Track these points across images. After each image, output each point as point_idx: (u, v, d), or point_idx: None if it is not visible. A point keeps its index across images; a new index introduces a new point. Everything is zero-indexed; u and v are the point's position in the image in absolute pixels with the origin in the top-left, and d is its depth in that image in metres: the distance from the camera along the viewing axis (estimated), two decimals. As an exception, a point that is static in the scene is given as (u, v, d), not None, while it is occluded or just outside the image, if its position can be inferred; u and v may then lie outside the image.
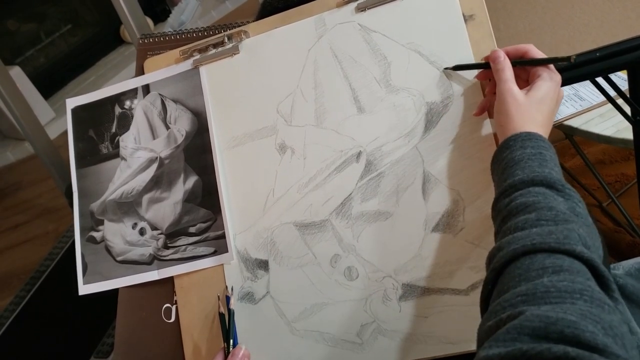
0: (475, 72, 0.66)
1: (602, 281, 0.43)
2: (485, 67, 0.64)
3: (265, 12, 0.77)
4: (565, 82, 0.72)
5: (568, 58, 0.58)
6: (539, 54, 0.61)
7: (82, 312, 1.68)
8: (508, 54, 0.62)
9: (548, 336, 0.37)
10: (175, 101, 0.78)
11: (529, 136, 0.55)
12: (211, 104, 0.76)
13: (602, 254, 0.48)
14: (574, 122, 1.07)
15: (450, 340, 0.65)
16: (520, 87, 0.60)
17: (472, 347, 0.64)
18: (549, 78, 0.59)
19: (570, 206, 0.50)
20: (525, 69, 0.62)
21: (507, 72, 0.60)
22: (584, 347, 0.35)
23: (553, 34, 0.72)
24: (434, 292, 0.65)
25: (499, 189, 0.55)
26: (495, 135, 0.65)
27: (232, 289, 0.72)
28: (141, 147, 0.79)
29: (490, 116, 0.65)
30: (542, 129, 0.57)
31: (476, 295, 0.64)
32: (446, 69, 0.67)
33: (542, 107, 0.58)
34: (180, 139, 0.77)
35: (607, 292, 0.43)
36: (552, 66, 0.61)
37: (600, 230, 0.74)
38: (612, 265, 0.84)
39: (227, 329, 0.68)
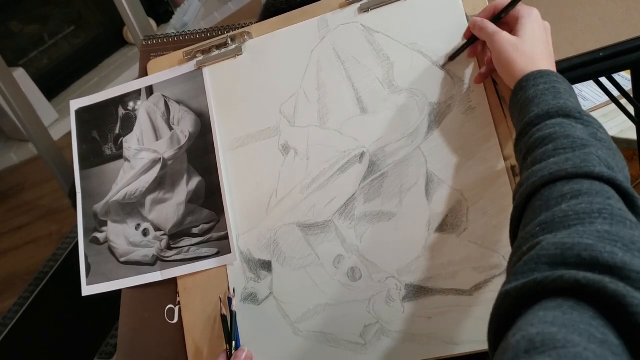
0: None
1: (628, 199, 0.43)
2: (473, 41, 0.65)
3: (268, 12, 0.78)
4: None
5: None
6: (505, 2, 0.62)
7: (86, 313, 1.68)
8: (485, 15, 0.63)
9: (566, 262, 0.36)
10: (179, 102, 0.79)
11: (540, 74, 0.55)
12: (214, 105, 0.76)
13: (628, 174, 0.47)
14: (578, 123, 1.06)
15: (453, 341, 0.64)
16: None
17: (476, 347, 0.64)
18: (526, 15, 0.60)
19: (591, 132, 0.49)
20: (504, 21, 0.63)
21: (491, 26, 0.61)
22: (603, 268, 0.35)
23: (556, 34, 0.72)
24: (437, 293, 0.65)
25: (517, 130, 0.55)
26: (498, 138, 0.65)
27: (234, 291, 0.72)
28: (144, 148, 0.79)
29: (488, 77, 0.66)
30: (546, 62, 0.57)
31: (480, 296, 0.64)
32: (444, 66, 0.67)
33: (535, 42, 0.58)
34: (183, 140, 0.77)
35: (634, 210, 0.42)
36: (522, 4, 0.61)
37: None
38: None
39: (229, 331, 0.68)
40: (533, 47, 0.58)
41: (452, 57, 0.67)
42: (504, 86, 0.63)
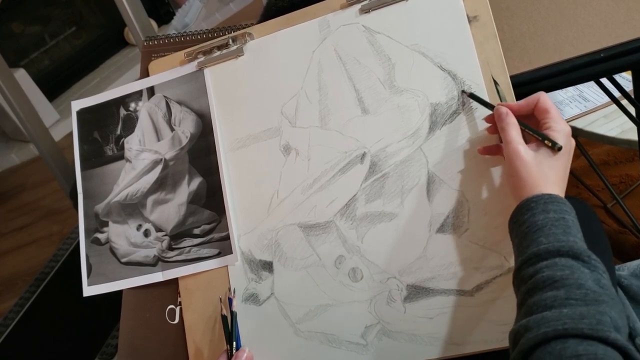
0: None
1: None
2: (492, 110, 0.63)
3: (270, 12, 0.78)
4: (570, 83, 0.72)
5: (555, 144, 0.56)
6: (548, 104, 0.59)
7: (87, 314, 1.69)
8: (519, 109, 0.60)
9: None
10: (180, 103, 0.79)
11: (551, 199, 0.53)
12: (216, 106, 0.76)
13: (628, 329, 0.47)
14: (579, 123, 1.07)
15: (455, 342, 0.64)
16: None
17: (477, 348, 0.64)
18: (557, 130, 0.57)
19: (596, 278, 0.48)
20: (533, 114, 0.60)
21: (511, 131, 0.58)
22: None
23: (557, 34, 0.72)
24: (438, 293, 0.65)
25: (521, 256, 0.53)
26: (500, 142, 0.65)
27: (234, 291, 0.72)
28: (146, 149, 0.79)
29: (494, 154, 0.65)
30: (558, 186, 0.55)
31: (481, 296, 0.64)
32: (463, 92, 0.66)
33: (554, 163, 0.56)
34: (184, 141, 0.77)
35: None
36: (559, 116, 0.58)
37: (604, 231, 0.74)
38: (617, 267, 0.84)
39: (229, 331, 0.68)
40: (549, 169, 0.55)
41: (473, 96, 0.65)
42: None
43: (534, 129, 0.59)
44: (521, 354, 0.46)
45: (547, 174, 0.55)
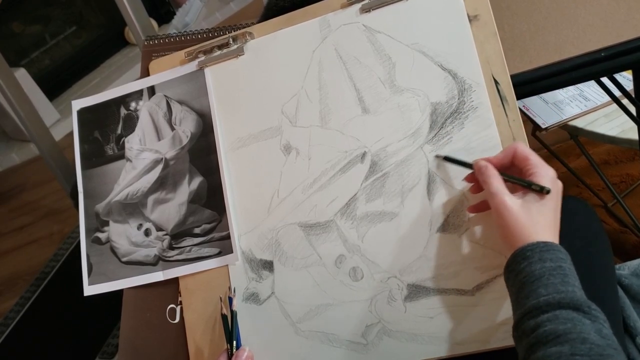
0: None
1: None
2: (472, 168, 0.63)
3: (270, 12, 0.78)
4: (571, 82, 0.72)
5: (543, 188, 0.55)
6: (526, 151, 0.58)
7: (87, 313, 1.69)
8: (499, 162, 0.60)
9: None
10: (181, 102, 0.79)
11: (547, 247, 0.53)
12: (216, 105, 0.76)
13: None
14: (579, 123, 1.07)
15: (455, 341, 0.64)
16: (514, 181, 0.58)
17: (477, 347, 0.64)
18: (541, 174, 0.56)
19: (597, 329, 0.48)
20: (515, 165, 0.60)
21: (494, 182, 0.57)
22: None
23: (558, 34, 0.72)
24: (439, 293, 0.65)
25: (521, 308, 0.52)
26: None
27: (234, 290, 0.72)
28: (146, 148, 0.79)
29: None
30: (551, 231, 0.55)
31: (481, 296, 0.64)
32: (437, 156, 0.66)
33: (542, 208, 0.55)
34: (185, 140, 0.77)
35: None
36: (541, 161, 0.58)
37: (605, 231, 0.74)
38: (617, 266, 0.84)
39: (230, 331, 0.68)
40: (538, 215, 0.55)
41: (448, 159, 0.65)
42: None
43: (518, 177, 0.58)
44: None
45: (538, 220, 0.55)
